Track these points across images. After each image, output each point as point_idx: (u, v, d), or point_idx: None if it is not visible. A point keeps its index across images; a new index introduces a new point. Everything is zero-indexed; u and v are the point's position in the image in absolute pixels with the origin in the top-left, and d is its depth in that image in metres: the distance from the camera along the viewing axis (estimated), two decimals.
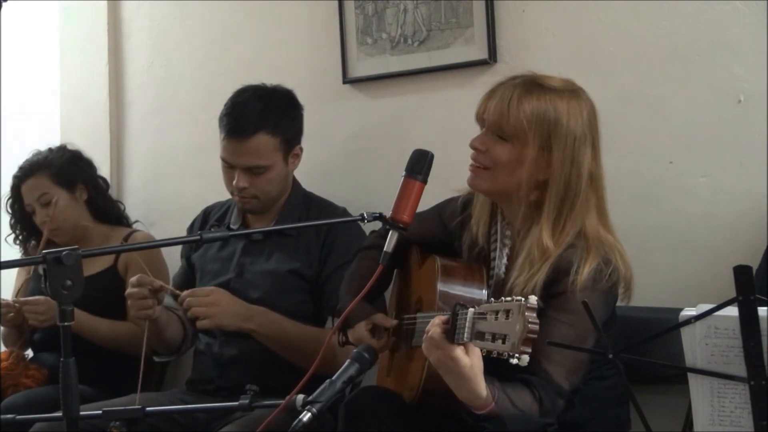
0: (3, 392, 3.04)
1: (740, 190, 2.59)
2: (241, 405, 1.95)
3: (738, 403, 1.59)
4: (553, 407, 2.01)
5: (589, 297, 1.99)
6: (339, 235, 2.83)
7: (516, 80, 2.15)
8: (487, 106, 2.15)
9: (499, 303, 1.75)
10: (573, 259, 2.05)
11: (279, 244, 2.86)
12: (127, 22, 3.76)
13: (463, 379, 1.88)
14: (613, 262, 2.08)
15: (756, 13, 2.56)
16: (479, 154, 2.16)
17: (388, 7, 3.11)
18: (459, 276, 2.21)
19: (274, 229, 2.89)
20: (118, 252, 3.19)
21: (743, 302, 1.54)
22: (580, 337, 2.02)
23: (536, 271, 2.07)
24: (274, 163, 2.80)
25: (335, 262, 2.81)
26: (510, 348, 1.70)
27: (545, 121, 2.09)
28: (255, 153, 2.76)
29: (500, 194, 2.19)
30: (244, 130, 2.75)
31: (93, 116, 3.79)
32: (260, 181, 2.80)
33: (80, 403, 1.68)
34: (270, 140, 2.78)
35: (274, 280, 2.82)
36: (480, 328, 1.77)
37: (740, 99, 2.59)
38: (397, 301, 2.52)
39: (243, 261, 2.89)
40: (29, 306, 3.03)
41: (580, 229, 2.11)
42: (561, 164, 2.10)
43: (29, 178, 3.25)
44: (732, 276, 1.55)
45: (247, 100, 2.82)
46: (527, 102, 2.09)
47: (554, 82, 2.16)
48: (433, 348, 1.88)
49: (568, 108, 2.11)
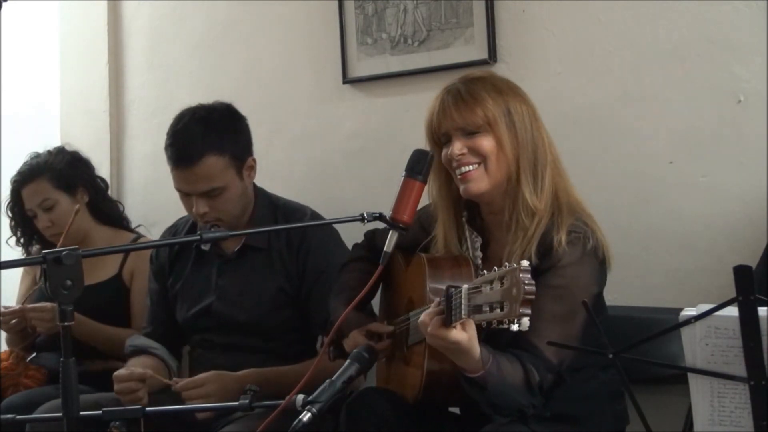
0: (3, 392, 3.04)
1: (740, 190, 2.59)
2: (241, 405, 1.95)
3: (738, 403, 1.59)
4: (542, 381, 2.03)
5: (578, 270, 2.08)
6: (313, 240, 2.78)
7: (450, 86, 2.24)
8: (446, 115, 2.20)
9: (492, 273, 1.75)
10: (553, 231, 2.11)
11: (254, 260, 2.82)
12: (127, 22, 3.76)
13: (462, 353, 1.92)
14: (589, 224, 2.14)
15: (756, 13, 2.56)
16: (464, 157, 2.19)
17: (388, 7, 3.11)
18: (447, 267, 2.22)
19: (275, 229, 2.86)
20: (118, 252, 3.18)
21: (743, 302, 1.54)
22: (569, 312, 2.05)
23: (531, 236, 2.12)
24: (228, 183, 2.73)
25: (313, 270, 2.76)
26: (509, 312, 1.69)
27: (501, 100, 2.19)
28: (207, 177, 2.69)
29: (495, 189, 2.20)
30: (190, 157, 2.68)
31: (93, 116, 3.79)
32: (219, 202, 2.72)
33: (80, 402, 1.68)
34: (218, 161, 2.70)
35: (259, 300, 2.79)
36: (476, 302, 1.77)
37: (740, 99, 2.59)
38: (386, 312, 2.50)
39: (222, 282, 2.84)
40: (35, 313, 3.02)
41: (553, 188, 2.18)
42: (525, 134, 2.19)
43: (29, 182, 3.23)
44: (732, 276, 1.55)
45: (186, 126, 2.75)
46: (480, 91, 2.19)
47: (480, 73, 2.31)
48: (431, 338, 1.91)
49: (507, 88, 2.23)
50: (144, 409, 1.95)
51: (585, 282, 2.11)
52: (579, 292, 2.06)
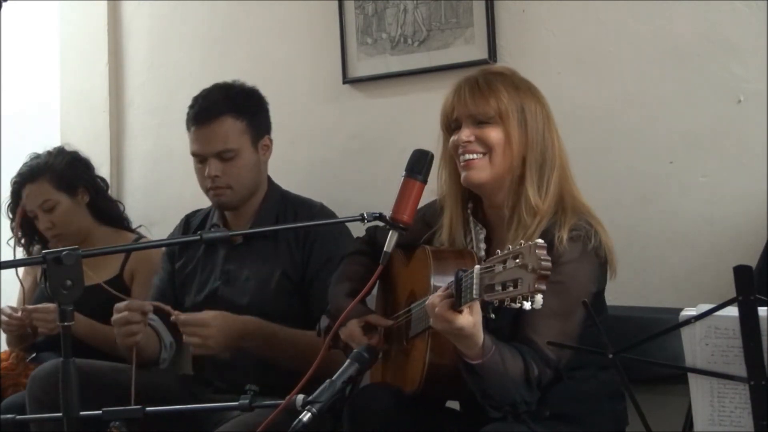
0: (3, 392, 3.04)
1: (740, 190, 2.59)
2: (241, 405, 1.95)
3: (738, 403, 1.59)
4: (541, 376, 2.03)
5: (577, 267, 2.08)
6: (321, 229, 2.84)
7: (470, 75, 2.27)
8: (461, 100, 2.22)
9: (506, 252, 1.74)
10: (554, 229, 2.11)
11: (261, 246, 2.85)
12: (127, 22, 3.76)
13: (465, 338, 1.92)
14: (593, 225, 2.14)
15: (756, 13, 2.56)
16: (470, 145, 2.19)
17: (388, 7, 3.11)
18: (451, 260, 2.22)
19: (277, 228, 2.88)
20: (118, 252, 3.18)
21: (743, 302, 1.55)
22: (567, 308, 2.05)
23: (531, 235, 2.11)
24: (242, 148, 2.83)
25: (319, 258, 2.80)
26: (525, 288, 1.67)
27: (517, 96, 2.21)
28: (223, 137, 2.81)
29: (496, 181, 2.21)
30: (209, 113, 2.83)
31: (93, 116, 3.79)
32: (232, 168, 2.82)
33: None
34: (236, 123, 2.83)
35: (263, 285, 2.82)
36: (488, 282, 1.77)
37: (740, 99, 2.59)
38: (382, 310, 2.50)
39: (228, 268, 2.88)
40: (38, 314, 3.02)
41: (559, 190, 2.19)
42: (536, 134, 2.20)
43: (30, 183, 3.23)
44: (732, 276, 1.55)
45: (209, 91, 2.91)
46: (497, 83, 2.21)
47: (501, 69, 2.35)
48: (438, 321, 1.91)
49: (524, 86, 2.25)
50: (144, 409, 1.95)
51: (583, 280, 2.11)
52: (577, 289, 2.06)
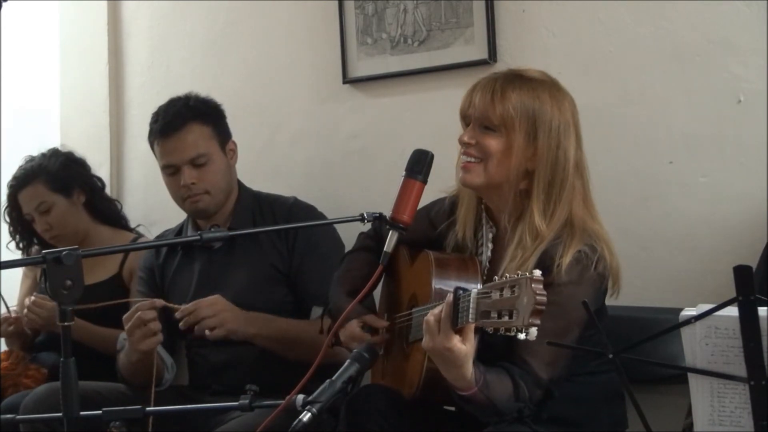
0: (3, 392, 3.04)
1: (740, 190, 2.59)
2: (241, 405, 1.95)
3: (738, 403, 1.59)
4: (530, 397, 2.03)
5: (575, 290, 2.03)
6: (299, 221, 2.86)
7: (497, 74, 2.21)
8: (472, 101, 2.18)
9: (503, 280, 1.74)
10: (558, 250, 2.07)
11: (242, 245, 2.87)
12: (127, 22, 3.75)
13: (454, 366, 1.91)
14: (598, 251, 2.09)
15: (756, 13, 2.56)
16: (469, 148, 2.17)
17: (388, 7, 3.11)
18: (453, 268, 2.21)
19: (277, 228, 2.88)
20: (118, 252, 3.18)
21: (743, 302, 1.54)
22: (562, 330, 2.03)
23: (528, 256, 2.08)
24: (213, 152, 2.86)
25: (303, 244, 2.83)
26: (520, 321, 1.68)
27: (530, 108, 2.13)
28: (193, 143, 2.83)
29: (491, 188, 2.19)
30: (175, 123, 2.84)
31: (93, 116, 3.79)
32: (206, 173, 2.84)
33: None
34: (203, 129, 2.86)
35: (252, 280, 2.83)
36: (484, 308, 1.77)
37: (740, 99, 2.59)
38: (387, 304, 2.50)
39: (212, 272, 2.89)
40: (34, 307, 3.02)
41: (568, 215, 2.13)
42: (547, 150, 2.13)
43: (25, 187, 3.23)
44: (732, 276, 1.55)
45: (169, 104, 2.93)
46: (511, 91, 2.14)
47: (534, 73, 2.22)
48: (432, 336, 1.89)
49: (549, 96, 2.16)
50: (144, 409, 1.94)
51: (580, 303, 2.07)
52: (574, 311, 2.02)
